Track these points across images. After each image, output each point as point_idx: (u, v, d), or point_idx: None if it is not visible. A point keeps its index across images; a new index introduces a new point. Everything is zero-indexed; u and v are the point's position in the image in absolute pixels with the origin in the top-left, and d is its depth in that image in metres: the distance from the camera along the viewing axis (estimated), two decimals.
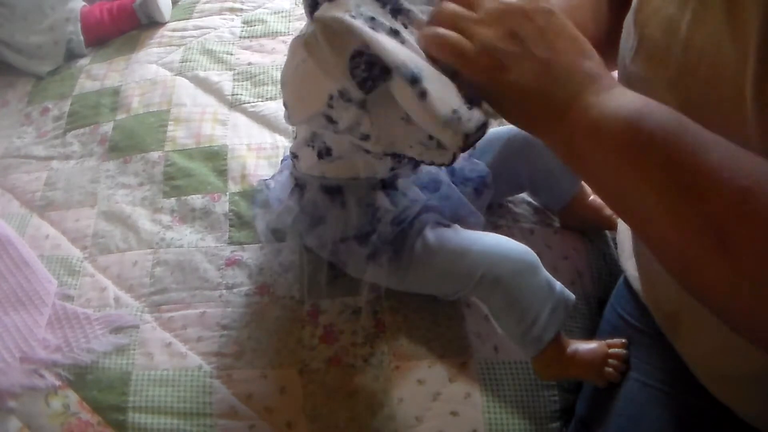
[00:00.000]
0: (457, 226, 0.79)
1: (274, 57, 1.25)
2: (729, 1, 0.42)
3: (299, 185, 0.81)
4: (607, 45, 0.57)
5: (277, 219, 0.84)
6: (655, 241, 0.41)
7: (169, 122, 1.14)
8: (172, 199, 1.02)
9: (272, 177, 0.91)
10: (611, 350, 0.73)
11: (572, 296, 0.75)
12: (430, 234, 0.77)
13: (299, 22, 1.35)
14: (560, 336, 0.74)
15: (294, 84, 0.66)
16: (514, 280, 0.73)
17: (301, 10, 1.38)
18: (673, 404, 0.65)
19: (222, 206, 0.99)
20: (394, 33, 0.51)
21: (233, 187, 1.02)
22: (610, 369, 0.72)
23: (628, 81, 0.53)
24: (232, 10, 1.41)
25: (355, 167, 0.76)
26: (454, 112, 0.47)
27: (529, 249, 0.75)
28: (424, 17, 0.52)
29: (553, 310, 0.72)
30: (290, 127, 1.09)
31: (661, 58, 0.48)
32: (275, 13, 1.38)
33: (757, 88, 0.39)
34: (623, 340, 0.73)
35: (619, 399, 0.70)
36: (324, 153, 0.74)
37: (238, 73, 1.23)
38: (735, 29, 0.41)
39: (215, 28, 1.36)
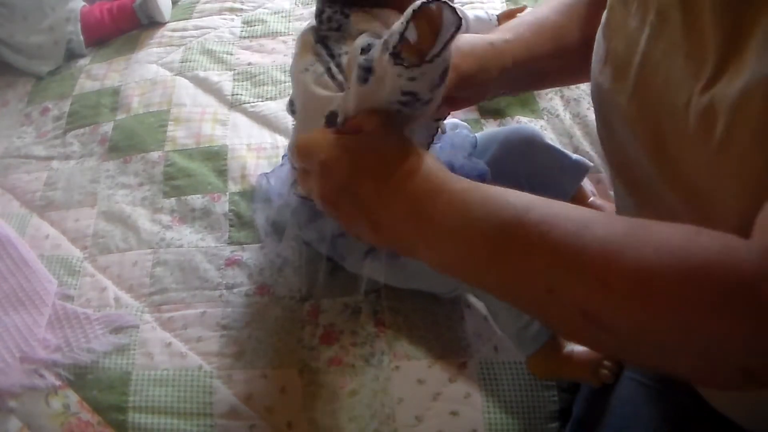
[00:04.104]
0: None
1: (274, 57, 1.25)
2: (686, 15, 0.43)
3: None
4: (588, 53, 0.58)
5: (278, 213, 0.84)
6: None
7: (169, 122, 1.14)
8: (172, 199, 1.02)
9: (273, 171, 0.91)
10: None
11: None
12: None
13: (299, 22, 1.35)
14: (557, 335, 0.74)
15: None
16: None
17: (300, 10, 1.39)
18: (669, 403, 0.65)
19: (222, 206, 0.99)
20: None
21: (233, 187, 1.02)
22: (605, 370, 0.72)
23: (597, 91, 0.55)
24: (232, 10, 1.42)
25: None
26: None
27: None
28: None
29: None
30: (291, 126, 1.09)
31: (623, 70, 0.50)
32: (275, 13, 1.38)
33: (698, 98, 0.40)
34: None
35: (616, 398, 0.70)
36: None
37: (238, 73, 1.23)
38: (691, 45, 0.43)
39: (215, 28, 1.36)
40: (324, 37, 0.69)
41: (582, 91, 1.10)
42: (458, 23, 0.44)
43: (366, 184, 0.45)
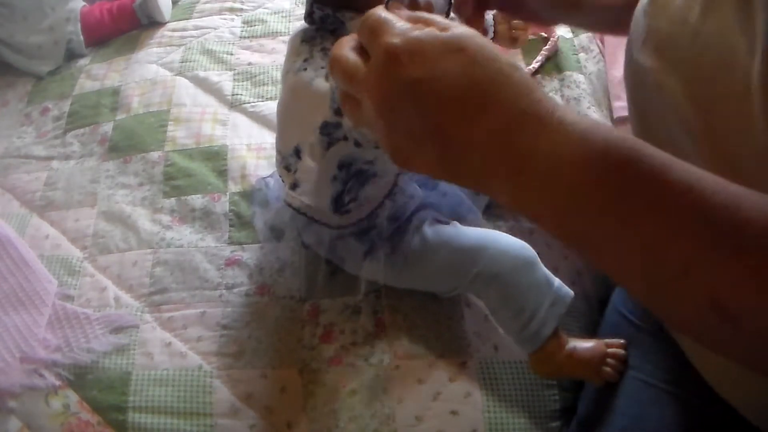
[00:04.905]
0: (455, 223, 0.79)
1: (274, 57, 1.25)
2: None
3: None
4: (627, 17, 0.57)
5: (276, 216, 0.84)
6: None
7: (169, 122, 1.14)
8: (172, 199, 1.02)
9: (271, 175, 0.91)
10: (610, 350, 0.73)
11: (570, 292, 0.74)
12: (428, 230, 0.77)
13: (299, 22, 1.34)
14: (558, 333, 0.74)
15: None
16: (511, 276, 0.73)
17: (300, 10, 1.38)
18: (674, 403, 0.65)
19: (222, 206, 0.99)
20: None
21: (233, 187, 1.02)
22: (608, 368, 0.71)
23: (634, 71, 0.53)
24: (232, 10, 1.41)
25: None
26: None
27: (526, 245, 0.75)
28: None
29: (551, 306, 0.72)
30: None
31: (669, 49, 0.48)
32: (275, 13, 1.38)
33: (764, 79, 0.39)
34: (622, 341, 0.73)
35: (621, 398, 0.69)
36: None
37: (238, 73, 1.23)
38: (745, 21, 0.41)
39: (215, 28, 1.36)
40: (312, 38, 0.69)
41: (582, 90, 1.09)
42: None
43: (450, 89, 0.33)
